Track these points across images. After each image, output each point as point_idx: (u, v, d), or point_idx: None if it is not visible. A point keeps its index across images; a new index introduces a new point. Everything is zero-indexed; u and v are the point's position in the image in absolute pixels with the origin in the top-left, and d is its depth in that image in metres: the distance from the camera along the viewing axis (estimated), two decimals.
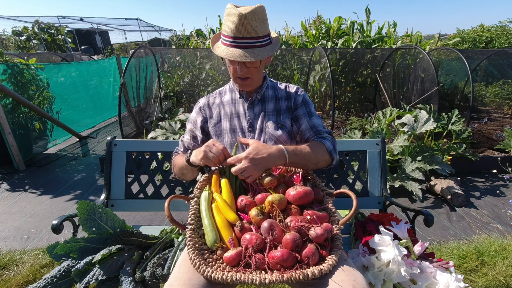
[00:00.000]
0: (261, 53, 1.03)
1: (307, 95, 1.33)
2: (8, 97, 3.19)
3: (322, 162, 1.07)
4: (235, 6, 1.02)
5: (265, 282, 0.70)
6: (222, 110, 1.24)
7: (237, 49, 1.02)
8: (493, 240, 1.99)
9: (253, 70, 1.10)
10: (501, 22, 7.75)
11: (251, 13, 0.99)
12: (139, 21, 15.36)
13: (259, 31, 1.03)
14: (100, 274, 0.94)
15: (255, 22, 1.00)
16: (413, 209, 1.26)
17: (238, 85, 1.17)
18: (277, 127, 1.18)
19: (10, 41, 10.41)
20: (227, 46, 1.05)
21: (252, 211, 0.86)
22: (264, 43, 1.06)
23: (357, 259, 1.00)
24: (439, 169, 2.65)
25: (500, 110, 5.50)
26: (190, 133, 1.29)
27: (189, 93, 5.13)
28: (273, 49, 1.09)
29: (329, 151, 1.09)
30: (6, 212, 2.54)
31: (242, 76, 1.10)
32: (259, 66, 1.10)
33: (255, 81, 1.15)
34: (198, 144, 1.26)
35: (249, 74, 1.10)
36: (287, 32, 6.25)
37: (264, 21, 1.04)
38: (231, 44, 1.03)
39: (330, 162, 1.10)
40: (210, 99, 1.27)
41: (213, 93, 1.30)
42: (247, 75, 1.10)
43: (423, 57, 4.11)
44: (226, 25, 1.03)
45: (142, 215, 2.41)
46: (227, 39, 1.04)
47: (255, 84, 1.17)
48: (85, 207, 1.06)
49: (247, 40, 1.02)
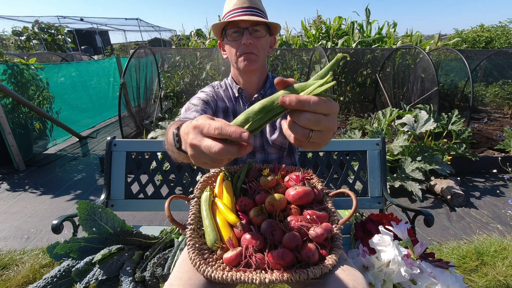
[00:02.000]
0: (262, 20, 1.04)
1: None
2: (8, 97, 3.19)
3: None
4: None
5: (265, 281, 0.70)
6: (224, 105, 1.18)
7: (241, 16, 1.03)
8: (493, 240, 1.99)
9: (258, 44, 1.04)
10: (501, 22, 7.75)
11: None
12: (139, 21, 15.36)
13: (260, 6, 1.07)
14: (100, 274, 0.94)
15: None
16: (413, 209, 1.26)
17: (243, 63, 1.05)
18: (272, 131, 1.15)
19: (10, 41, 10.41)
20: (231, 18, 1.04)
21: (252, 211, 0.86)
22: (265, 17, 1.08)
23: (357, 259, 1.00)
24: (439, 169, 2.65)
25: (500, 110, 5.50)
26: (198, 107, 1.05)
27: (189, 93, 5.13)
28: (275, 26, 1.09)
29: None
30: (6, 212, 2.54)
31: (247, 50, 1.03)
32: (264, 37, 1.05)
33: (260, 59, 1.07)
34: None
35: (254, 48, 1.04)
36: (287, 32, 6.24)
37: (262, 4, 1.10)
38: (237, 14, 1.04)
39: None
40: (214, 88, 1.19)
41: (214, 84, 1.22)
42: (252, 49, 1.04)
43: (423, 57, 4.11)
44: (228, 5, 1.07)
45: (142, 215, 2.41)
46: (231, 13, 1.05)
47: (259, 63, 1.08)
48: (85, 207, 1.06)
49: (253, 9, 1.04)
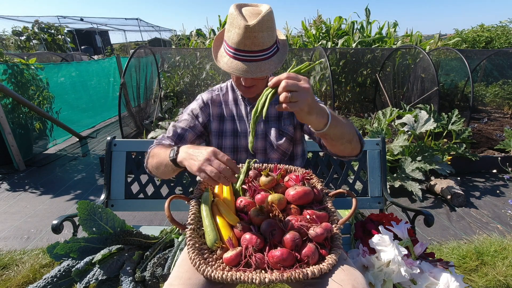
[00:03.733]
0: (267, 66, 0.95)
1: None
2: (8, 97, 3.19)
3: (355, 143, 0.92)
4: (240, 13, 0.91)
5: (265, 281, 0.70)
6: (225, 109, 1.18)
7: (242, 63, 0.94)
8: (493, 240, 1.99)
9: (258, 80, 1.03)
10: (501, 22, 7.75)
11: (258, 25, 0.88)
12: (139, 21, 15.36)
13: (266, 43, 0.93)
14: (100, 274, 0.95)
15: (262, 33, 0.90)
16: (413, 209, 1.26)
17: (242, 92, 1.11)
18: (278, 135, 1.14)
19: (10, 41, 10.41)
20: (231, 57, 0.96)
21: (252, 211, 0.86)
22: (271, 53, 0.97)
23: (357, 259, 1.00)
24: (439, 169, 2.65)
25: (500, 110, 5.50)
26: (187, 122, 1.15)
27: (189, 93, 5.13)
28: (280, 60, 0.99)
29: (358, 135, 0.95)
30: (6, 212, 2.54)
31: (247, 85, 1.03)
32: (265, 78, 1.04)
33: (260, 88, 1.07)
34: (194, 134, 1.15)
35: (254, 83, 1.03)
36: (287, 32, 6.25)
37: (272, 29, 0.94)
38: (235, 56, 0.95)
39: (359, 147, 0.96)
40: (213, 94, 1.19)
41: (214, 89, 1.22)
42: (252, 84, 1.03)
43: (423, 57, 4.11)
44: (230, 34, 0.93)
45: (142, 215, 2.41)
46: (230, 50, 0.95)
47: (260, 91, 1.08)
48: (85, 207, 1.06)
49: (253, 54, 0.93)
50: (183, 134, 1.13)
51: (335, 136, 0.85)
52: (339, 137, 0.86)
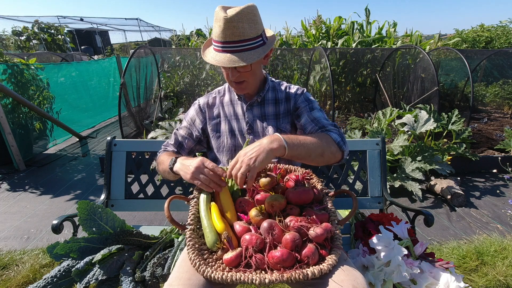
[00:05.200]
0: (250, 56, 0.98)
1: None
2: (8, 97, 3.19)
3: (328, 154, 0.97)
4: (223, 9, 0.97)
5: (265, 282, 0.70)
6: (222, 111, 1.21)
7: (225, 54, 0.98)
8: (493, 240, 1.99)
9: (246, 74, 1.05)
10: (501, 22, 7.74)
11: (237, 15, 0.93)
12: (139, 21, 15.37)
13: (248, 33, 0.96)
14: (100, 274, 0.94)
15: (242, 24, 0.94)
16: (413, 209, 1.26)
17: (234, 88, 1.14)
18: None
19: (10, 41, 10.41)
20: (217, 51, 1.01)
21: (252, 212, 0.86)
22: (255, 45, 0.99)
23: (357, 259, 1.00)
24: (439, 169, 2.65)
25: (500, 110, 5.50)
26: (186, 130, 1.23)
27: (189, 93, 5.13)
28: (264, 51, 1.01)
29: (337, 142, 0.99)
30: (6, 212, 2.54)
31: (236, 81, 1.07)
32: (251, 70, 1.05)
33: (251, 84, 1.11)
34: (193, 141, 1.23)
35: (243, 78, 1.06)
36: (287, 32, 6.24)
37: (254, 22, 0.98)
38: (220, 49, 0.99)
39: (339, 154, 1.00)
40: (209, 98, 1.24)
41: (212, 92, 1.26)
42: (240, 79, 1.06)
43: (423, 57, 4.11)
44: (214, 29, 0.99)
45: (142, 215, 2.42)
46: (216, 44, 1.00)
47: (252, 87, 1.13)
48: (85, 207, 1.06)
49: (235, 44, 0.97)
50: (182, 142, 1.23)
51: (300, 156, 0.93)
52: (305, 155, 0.93)
